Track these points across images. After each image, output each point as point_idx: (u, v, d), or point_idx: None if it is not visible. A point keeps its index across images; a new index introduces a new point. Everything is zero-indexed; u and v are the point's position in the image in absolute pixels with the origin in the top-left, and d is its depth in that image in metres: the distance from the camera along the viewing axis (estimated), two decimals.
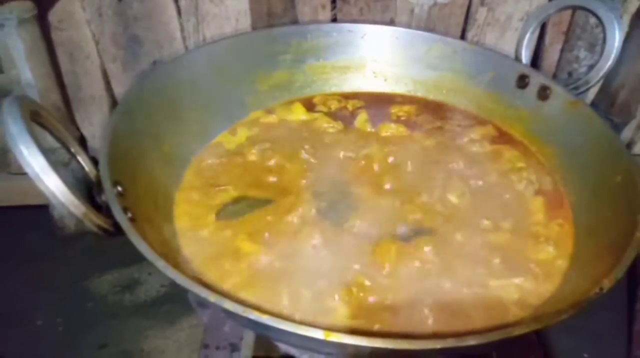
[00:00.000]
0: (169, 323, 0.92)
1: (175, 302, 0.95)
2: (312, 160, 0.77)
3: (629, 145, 1.01)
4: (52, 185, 0.48)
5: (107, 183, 0.56)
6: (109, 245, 0.53)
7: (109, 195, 0.54)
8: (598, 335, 0.87)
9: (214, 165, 0.76)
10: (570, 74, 0.90)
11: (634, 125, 0.98)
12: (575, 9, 0.87)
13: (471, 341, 0.46)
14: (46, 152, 0.48)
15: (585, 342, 0.87)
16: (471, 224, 0.68)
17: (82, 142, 0.99)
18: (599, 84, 0.92)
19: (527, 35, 0.89)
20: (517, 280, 0.62)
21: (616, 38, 0.79)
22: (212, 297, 0.48)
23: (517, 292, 0.61)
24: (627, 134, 0.99)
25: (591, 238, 0.66)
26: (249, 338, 0.71)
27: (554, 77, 0.94)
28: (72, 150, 0.58)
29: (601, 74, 0.82)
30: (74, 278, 0.98)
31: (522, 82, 0.84)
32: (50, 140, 0.59)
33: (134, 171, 0.65)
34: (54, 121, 0.54)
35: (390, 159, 0.78)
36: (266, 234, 0.66)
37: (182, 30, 0.92)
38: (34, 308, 0.92)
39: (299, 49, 0.89)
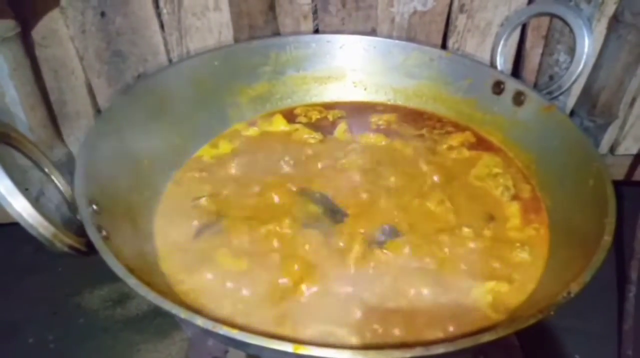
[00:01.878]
0: (160, 337, 0.92)
1: (166, 315, 0.94)
2: (292, 172, 0.77)
3: (613, 145, 1.02)
4: (19, 206, 0.48)
5: (81, 202, 0.56)
6: (99, 260, 0.53)
7: (82, 214, 0.55)
8: (590, 335, 0.87)
9: (194, 179, 0.77)
10: (551, 78, 0.91)
11: (617, 126, 0.98)
12: (545, 16, 0.87)
13: (440, 349, 0.46)
14: (14, 174, 0.48)
15: (577, 342, 0.86)
16: (448, 231, 0.69)
17: (70, 158, 0.99)
18: (580, 87, 0.92)
19: (501, 42, 0.90)
20: (493, 285, 0.63)
21: (585, 43, 0.80)
22: (183, 314, 0.48)
23: (494, 296, 0.62)
24: (611, 135, 0.99)
25: (566, 242, 0.66)
26: (237, 354, 0.71)
27: (536, 81, 0.94)
28: (46, 170, 0.58)
29: (573, 78, 0.83)
30: (65, 294, 0.97)
31: (498, 88, 0.85)
32: None
33: (112, 188, 0.65)
34: (25, 141, 0.54)
35: (369, 168, 0.78)
36: (246, 248, 0.66)
37: (165, 44, 0.92)
38: (24, 325, 0.92)
39: (279, 61, 0.90)
